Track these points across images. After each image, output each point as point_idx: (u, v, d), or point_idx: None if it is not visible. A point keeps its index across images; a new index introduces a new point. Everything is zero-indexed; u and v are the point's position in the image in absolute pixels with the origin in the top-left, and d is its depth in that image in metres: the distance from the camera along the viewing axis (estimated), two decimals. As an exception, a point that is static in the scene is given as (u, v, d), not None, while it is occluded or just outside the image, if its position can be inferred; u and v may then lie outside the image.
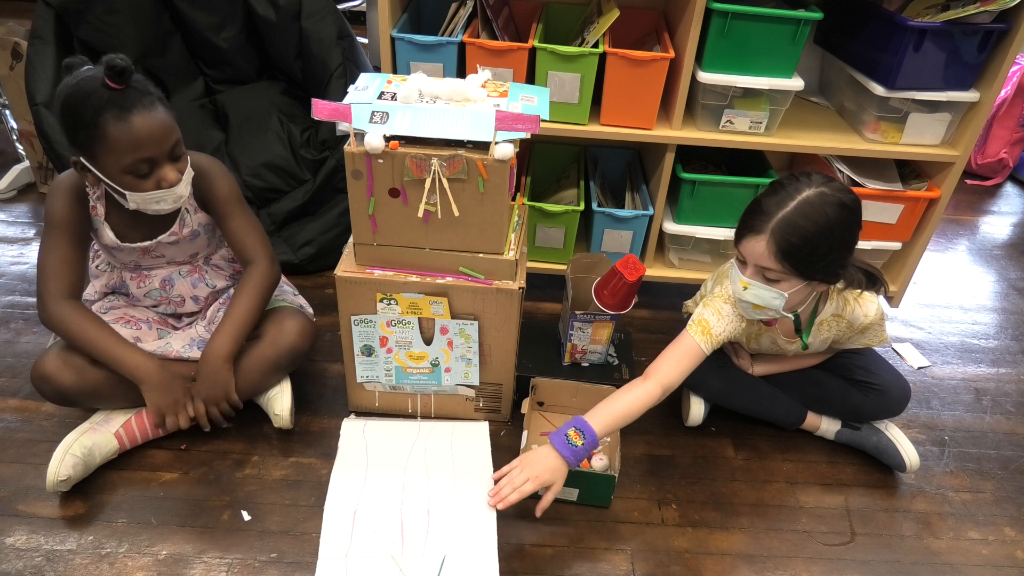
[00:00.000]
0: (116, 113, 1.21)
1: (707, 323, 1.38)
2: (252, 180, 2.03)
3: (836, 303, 1.41)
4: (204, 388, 1.40)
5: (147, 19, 2.01)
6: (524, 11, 1.91)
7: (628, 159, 2.11)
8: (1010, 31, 1.60)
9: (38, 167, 2.35)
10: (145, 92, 1.25)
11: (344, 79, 2.02)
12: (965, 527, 1.46)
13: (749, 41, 1.62)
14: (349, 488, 1.40)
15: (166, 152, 1.28)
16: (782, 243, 1.22)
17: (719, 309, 1.40)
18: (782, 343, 1.49)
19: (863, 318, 1.40)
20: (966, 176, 2.96)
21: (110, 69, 1.19)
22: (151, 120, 1.24)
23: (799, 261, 1.24)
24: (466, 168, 1.26)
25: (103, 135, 1.22)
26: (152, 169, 1.28)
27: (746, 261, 1.30)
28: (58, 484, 1.33)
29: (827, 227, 1.21)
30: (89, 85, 1.21)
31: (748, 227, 1.27)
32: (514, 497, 1.26)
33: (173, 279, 1.51)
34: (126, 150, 1.24)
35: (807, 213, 1.21)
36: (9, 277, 1.97)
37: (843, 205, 1.22)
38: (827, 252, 1.24)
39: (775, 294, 1.28)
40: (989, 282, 2.31)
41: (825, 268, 1.27)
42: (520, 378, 1.56)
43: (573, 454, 1.27)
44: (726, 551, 1.37)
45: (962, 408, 1.77)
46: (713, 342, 1.38)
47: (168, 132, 1.28)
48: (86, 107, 1.21)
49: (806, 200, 1.22)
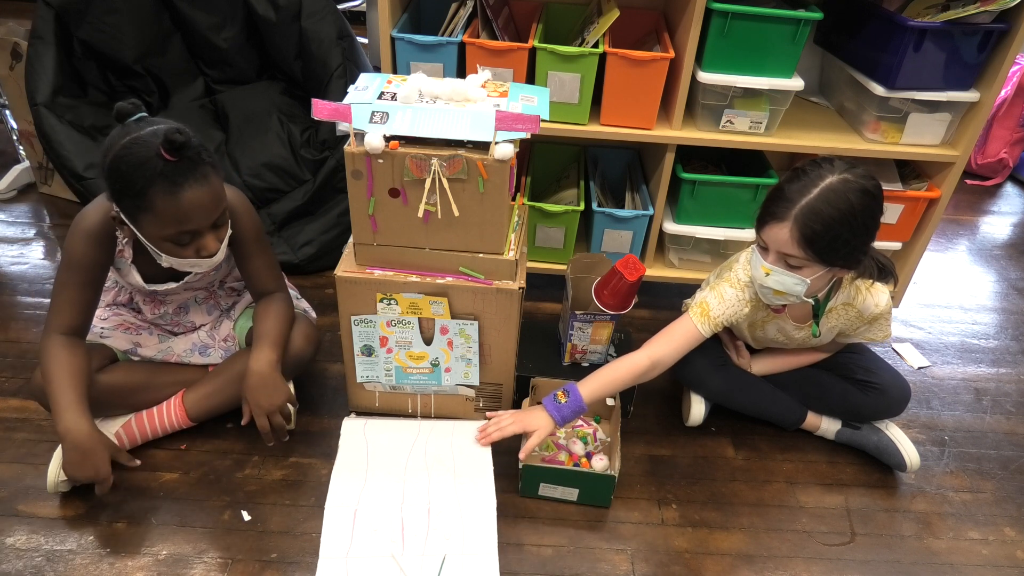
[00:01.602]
0: (167, 187, 1.16)
1: (707, 304, 1.40)
2: (252, 180, 2.03)
3: (848, 292, 1.40)
4: (261, 398, 1.34)
5: (147, 19, 2.01)
6: (524, 11, 1.91)
7: (628, 159, 2.11)
8: (1010, 31, 1.60)
9: (38, 167, 2.35)
10: (199, 163, 1.19)
11: (344, 79, 2.02)
12: (965, 527, 1.46)
13: (749, 41, 1.62)
14: (349, 488, 1.40)
15: (210, 224, 1.25)
16: (805, 230, 1.22)
17: (722, 292, 1.40)
18: (790, 330, 1.48)
19: (873, 308, 1.40)
20: (966, 176, 2.96)
21: (168, 143, 1.14)
22: (201, 195, 1.20)
23: (822, 248, 1.23)
24: (466, 168, 1.26)
25: (150, 206, 1.18)
26: (193, 239, 1.25)
27: (768, 247, 1.29)
28: (59, 484, 1.33)
29: (850, 214, 1.21)
30: (142, 153, 1.15)
31: (771, 214, 1.26)
32: (496, 435, 1.40)
33: (189, 306, 1.51)
34: (171, 223, 1.20)
35: (830, 200, 1.21)
36: (9, 277, 1.97)
37: (866, 191, 1.22)
38: (850, 238, 1.23)
39: (797, 280, 1.28)
40: (989, 282, 2.31)
41: (847, 254, 1.27)
42: (520, 378, 1.56)
43: (558, 410, 1.37)
44: (726, 551, 1.37)
45: (962, 408, 1.77)
46: (712, 324, 1.38)
47: (216, 205, 1.24)
48: (137, 176, 1.15)
49: (829, 187, 1.21)
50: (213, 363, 1.52)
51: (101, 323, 1.45)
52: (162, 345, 1.49)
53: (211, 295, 1.53)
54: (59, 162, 1.95)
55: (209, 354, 1.52)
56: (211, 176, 1.22)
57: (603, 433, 1.54)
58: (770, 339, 1.54)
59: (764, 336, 1.54)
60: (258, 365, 1.34)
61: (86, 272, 1.31)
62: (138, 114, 1.21)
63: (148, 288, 1.39)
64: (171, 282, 1.40)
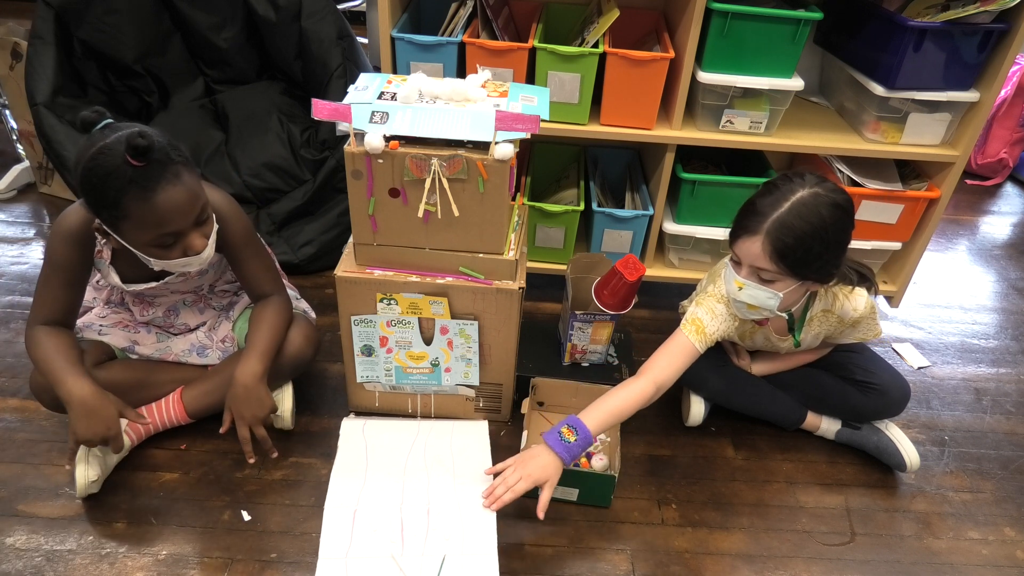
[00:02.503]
0: (139, 193, 1.15)
1: (700, 322, 1.39)
2: (252, 180, 2.03)
3: (825, 300, 1.41)
4: (244, 409, 1.34)
5: (147, 19, 2.01)
6: (524, 11, 1.91)
7: (628, 159, 2.11)
8: (1010, 31, 1.60)
9: (38, 167, 2.35)
10: (168, 162, 1.17)
11: (344, 79, 2.02)
12: (965, 527, 1.46)
13: (749, 41, 1.62)
14: (349, 488, 1.40)
15: (191, 222, 1.23)
16: (777, 244, 1.23)
17: (712, 308, 1.40)
18: (775, 340, 1.50)
19: (852, 312, 1.41)
20: (966, 176, 2.96)
21: (132, 148, 1.11)
22: (175, 195, 1.18)
23: (794, 261, 1.24)
24: (466, 168, 1.26)
25: (127, 213, 1.16)
26: (178, 239, 1.24)
27: (741, 261, 1.30)
28: (89, 486, 1.32)
29: (821, 227, 1.22)
30: (109, 162, 1.13)
31: (743, 228, 1.27)
32: (508, 497, 1.26)
33: (178, 308, 1.50)
34: (150, 227, 1.19)
35: (801, 214, 1.21)
36: (9, 277, 1.97)
37: (837, 205, 1.23)
38: (822, 252, 1.24)
39: (770, 294, 1.29)
40: (989, 282, 2.31)
41: (819, 268, 1.27)
42: (520, 378, 1.56)
43: (567, 450, 1.27)
44: (726, 551, 1.37)
45: (962, 408, 1.77)
46: (707, 341, 1.38)
47: (193, 202, 1.22)
48: (107, 187, 1.14)
49: (800, 201, 1.22)
50: (211, 364, 1.52)
51: (100, 321, 1.45)
52: (160, 344, 1.49)
53: (200, 298, 1.52)
54: (59, 162, 1.95)
55: (207, 355, 1.51)
56: (183, 175, 1.20)
57: (603, 433, 1.54)
58: (759, 346, 1.55)
59: (753, 344, 1.55)
60: (243, 376, 1.35)
61: (67, 272, 1.31)
62: (103, 121, 1.19)
63: (129, 289, 1.39)
64: (152, 281, 1.39)
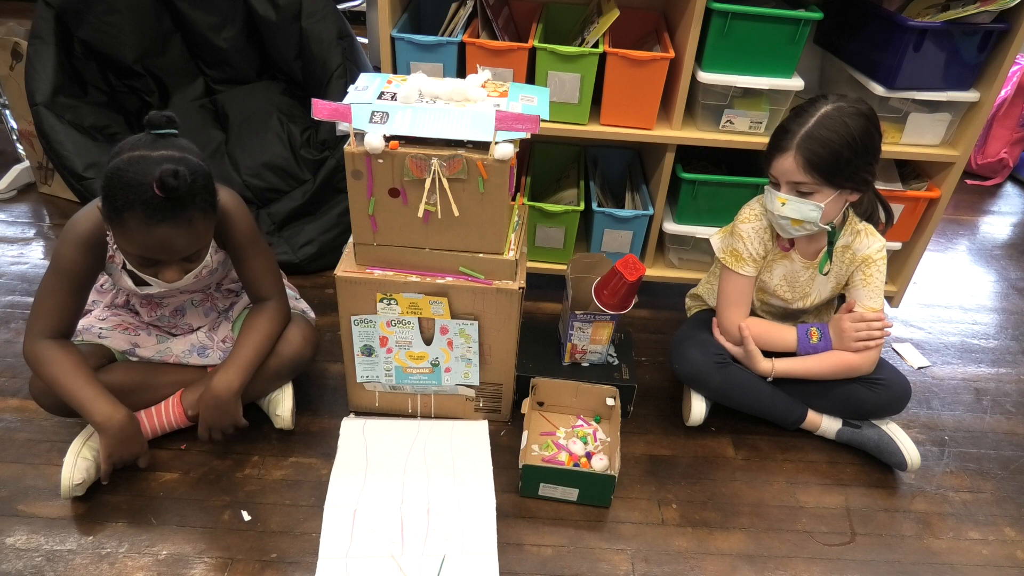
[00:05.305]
0: (143, 217, 1.15)
1: (736, 251, 1.50)
2: (252, 180, 2.03)
3: (848, 234, 1.49)
4: (211, 418, 1.36)
5: (147, 19, 2.01)
6: (524, 11, 1.91)
7: (628, 159, 2.11)
8: (1010, 31, 1.60)
9: (38, 167, 2.35)
10: (187, 204, 1.17)
11: (344, 79, 2.02)
12: (965, 527, 1.46)
13: (749, 41, 1.62)
14: (349, 488, 1.40)
15: (177, 259, 1.25)
16: (809, 155, 1.33)
17: (739, 232, 1.51)
18: (797, 270, 1.53)
19: (866, 249, 1.48)
20: (966, 176, 2.96)
21: (162, 184, 1.12)
22: (173, 235, 1.19)
23: (827, 170, 1.33)
24: (466, 168, 1.26)
25: (122, 225, 1.17)
26: (157, 265, 1.25)
27: (779, 181, 1.39)
28: (73, 489, 1.32)
29: (848, 135, 1.32)
30: (137, 176, 1.14)
31: (776, 147, 1.38)
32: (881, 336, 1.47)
33: (185, 308, 1.50)
34: (137, 247, 1.20)
35: (828, 125, 1.32)
36: (9, 277, 1.97)
37: (860, 114, 1.34)
38: (851, 158, 1.33)
39: (812, 206, 1.37)
40: (989, 282, 2.31)
41: (852, 174, 1.36)
42: (520, 378, 1.56)
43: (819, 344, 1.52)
44: (726, 551, 1.37)
45: (962, 408, 1.77)
46: (750, 263, 1.50)
47: (188, 246, 1.23)
48: (121, 194, 1.15)
49: (825, 115, 1.33)
50: (211, 364, 1.51)
51: (100, 323, 1.45)
52: (160, 346, 1.49)
53: (208, 297, 1.52)
54: (59, 162, 1.95)
55: (207, 355, 1.51)
56: (196, 220, 1.20)
57: (603, 433, 1.54)
58: (775, 284, 1.56)
59: (770, 279, 1.55)
60: (219, 388, 1.35)
61: (75, 278, 1.31)
62: (167, 130, 1.20)
63: (140, 291, 1.39)
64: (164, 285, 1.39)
